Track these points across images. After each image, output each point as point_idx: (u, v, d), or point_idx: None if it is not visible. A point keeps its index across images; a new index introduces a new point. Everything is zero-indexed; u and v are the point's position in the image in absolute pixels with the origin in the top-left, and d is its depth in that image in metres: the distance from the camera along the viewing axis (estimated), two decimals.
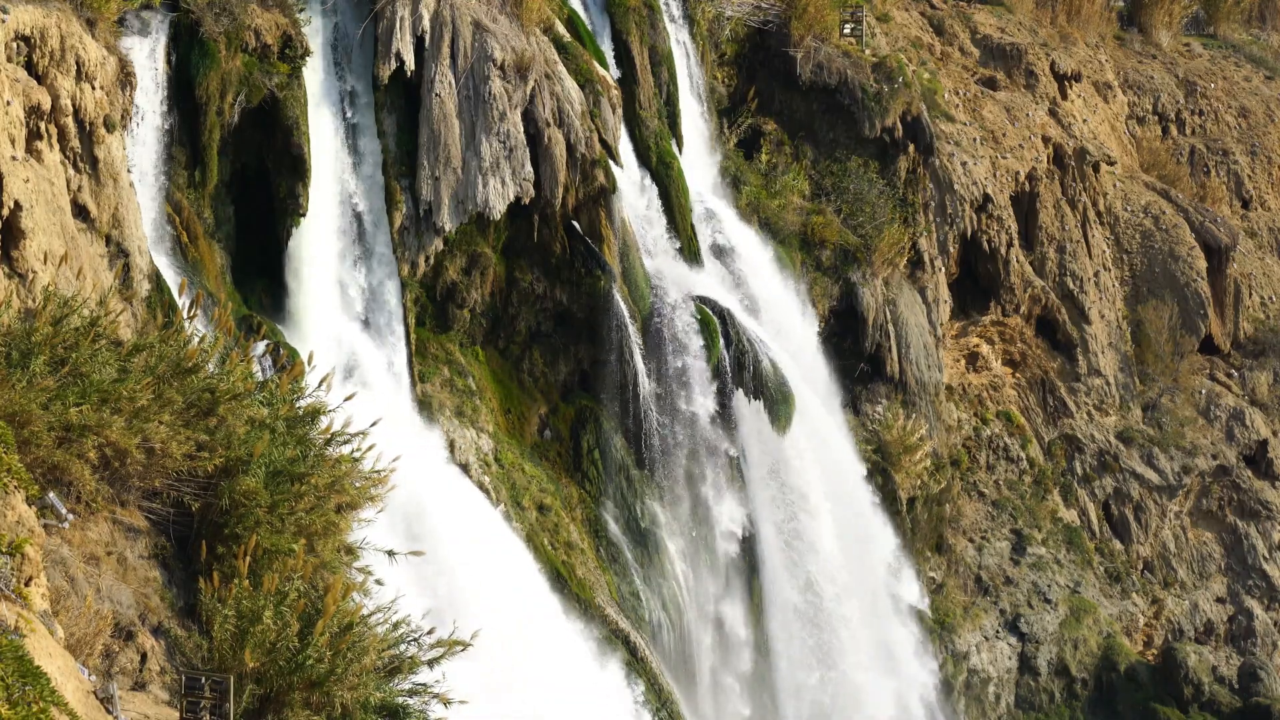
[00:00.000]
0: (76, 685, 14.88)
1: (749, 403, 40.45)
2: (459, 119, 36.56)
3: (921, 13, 57.10)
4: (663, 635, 38.78)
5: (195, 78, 32.70)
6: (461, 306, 37.97)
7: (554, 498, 38.00)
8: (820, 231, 45.92)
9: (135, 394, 18.78)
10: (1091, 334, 53.80)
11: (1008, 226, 51.71)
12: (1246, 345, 58.24)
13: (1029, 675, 49.16)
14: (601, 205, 38.67)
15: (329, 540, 19.98)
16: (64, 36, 27.85)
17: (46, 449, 17.90)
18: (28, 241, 25.60)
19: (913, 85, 48.12)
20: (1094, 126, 57.55)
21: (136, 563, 18.89)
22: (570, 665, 34.56)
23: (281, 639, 17.26)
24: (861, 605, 43.50)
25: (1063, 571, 50.56)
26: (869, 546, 44.50)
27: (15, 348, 18.58)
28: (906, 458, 46.42)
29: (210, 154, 33.09)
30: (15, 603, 14.54)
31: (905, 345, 47.03)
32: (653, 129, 42.15)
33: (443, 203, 36.35)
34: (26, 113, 26.83)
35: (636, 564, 38.89)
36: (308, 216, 34.38)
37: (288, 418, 20.75)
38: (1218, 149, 62.72)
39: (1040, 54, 57.13)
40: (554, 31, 39.37)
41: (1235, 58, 67.10)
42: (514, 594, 33.96)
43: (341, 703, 17.51)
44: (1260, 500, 54.92)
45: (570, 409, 39.35)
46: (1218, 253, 57.12)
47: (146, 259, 30.15)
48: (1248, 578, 54.28)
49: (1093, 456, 53.21)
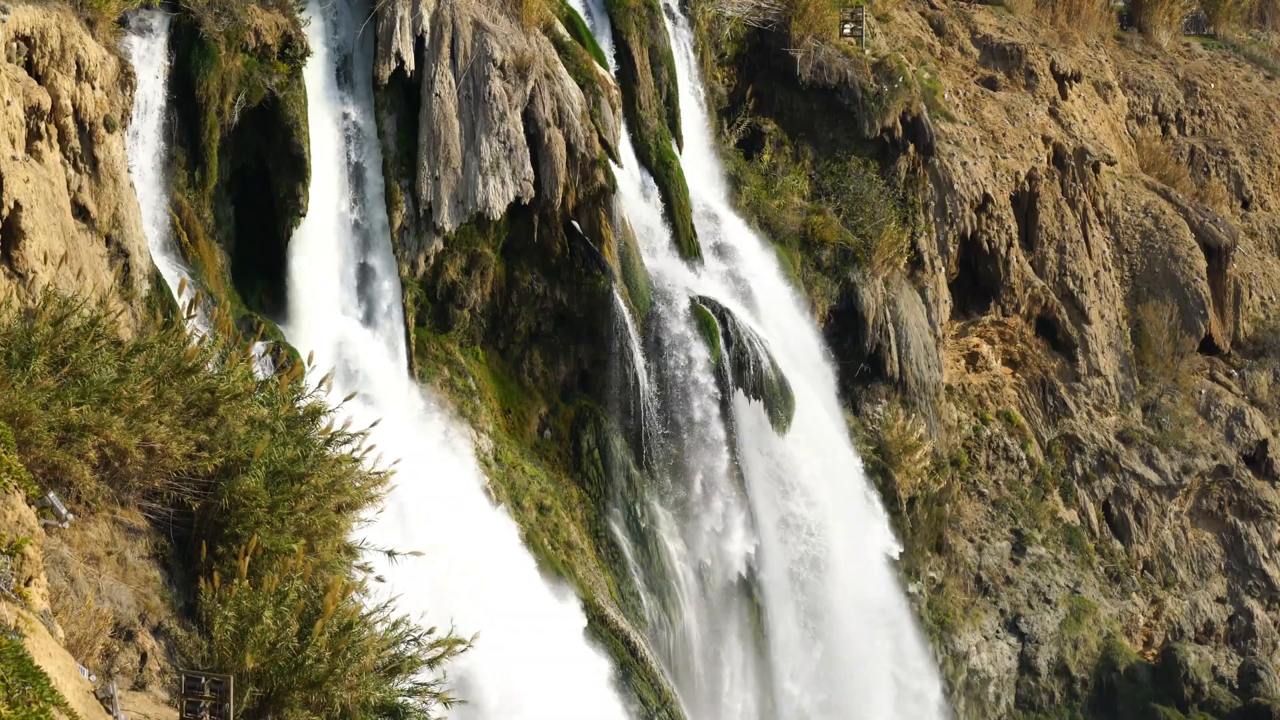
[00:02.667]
0: (76, 685, 14.88)
1: (749, 403, 40.44)
2: (459, 119, 36.56)
3: (921, 13, 57.11)
4: (663, 635, 38.78)
5: (195, 78, 32.70)
6: (461, 306, 37.97)
7: (554, 498, 38.01)
8: (820, 231, 45.93)
9: (135, 394, 18.77)
10: (1091, 334, 53.80)
11: (1008, 226, 51.71)
12: (1246, 345, 58.25)
13: (1029, 675, 49.16)
14: (601, 205, 38.67)
15: (329, 540, 19.98)
16: (64, 36, 27.85)
17: (46, 449, 17.90)
18: (28, 241, 25.60)
19: (913, 85, 48.12)
20: (1094, 126, 57.56)
21: (136, 563, 18.89)
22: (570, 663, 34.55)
23: (281, 639, 17.26)
24: (861, 605, 43.49)
25: (1063, 571, 50.57)
26: (869, 546, 44.49)
27: (15, 348, 18.57)
28: (906, 458, 46.42)
29: (210, 154, 33.09)
30: (15, 603, 14.54)
31: (905, 345, 47.03)
32: (653, 129, 42.14)
33: (443, 203, 36.35)
34: (26, 113, 26.83)
35: (636, 564, 38.89)
36: (308, 216, 34.39)
37: (288, 418, 20.73)
38: (1218, 149, 62.72)
39: (1040, 54, 57.13)
40: (554, 31, 39.37)
41: (1235, 58, 67.10)
42: (514, 594, 33.95)
43: (341, 703, 17.50)
44: (1260, 500, 54.92)
45: (570, 409, 39.35)
46: (1218, 253, 57.13)
47: (146, 259, 30.15)
48: (1248, 578, 54.29)
49: (1093, 456, 53.21)
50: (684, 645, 39.48)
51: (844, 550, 42.98)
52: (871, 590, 44.20)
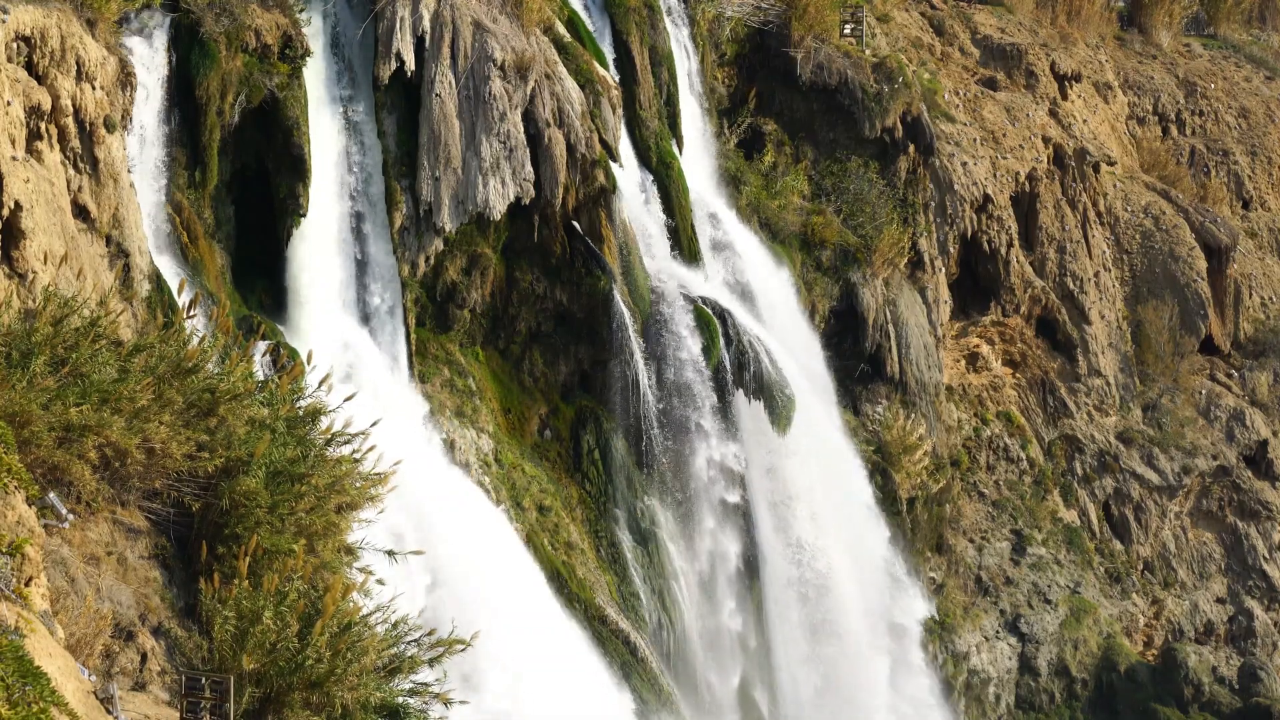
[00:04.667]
0: (76, 685, 14.88)
1: (749, 403, 40.44)
2: (459, 119, 36.56)
3: (921, 13, 57.09)
4: (663, 635, 38.79)
5: (195, 78, 32.70)
6: (461, 307, 37.98)
7: (554, 498, 38.01)
8: (820, 232, 45.92)
9: (135, 394, 18.77)
10: (1091, 334, 53.79)
11: (1008, 227, 51.71)
12: (1246, 345, 58.23)
13: (1029, 675, 49.15)
14: (602, 205, 38.67)
15: (329, 540, 19.98)
16: (64, 37, 27.85)
17: (47, 449, 17.90)
18: (28, 242, 25.61)
19: (913, 85, 48.11)
20: (1094, 127, 57.55)
21: (136, 563, 18.89)
22: (570, 665, 34.55)
23: (281, 639, 17.26)
24: (861, 605, 43.50)
25: (1063, 572, 50.56)
26: (869, 546, 44.49)
27: (15, 348, 18.57)
28: (906, 458, 46.42)
29: (210, 154, 33.09)
30: (15, 603, 14.54)
31: (905, 345, 47.03)
32: (653, 129, 42.14)
33: (443, 203, 36.35)
34: (27, 113, 26.83)
35: (636, 564, 38.89)
36: (308, 217, 34.39)
37: (288, 418, 20.74)
38: (1218, 149, 62.71)
39: (1040, 54, 57.12)
40: (554, 32, 39.38)
41: (1235, 58, 67.09)
42: (513, 594, 33.95)
43: (341, 703, 17.51)
44: (1260, 500, 54.92)
45: (570, 409, 39.36)
46: (1218, 253, 57.12)
47: (146, 259, 30.16)
48: (1248, 578, 54.28)
49: (1093, 457, 53.20)
50: (684, 645, 39.48)
51: (844, 550, 42.98)
52: (871, 590, 44.20)
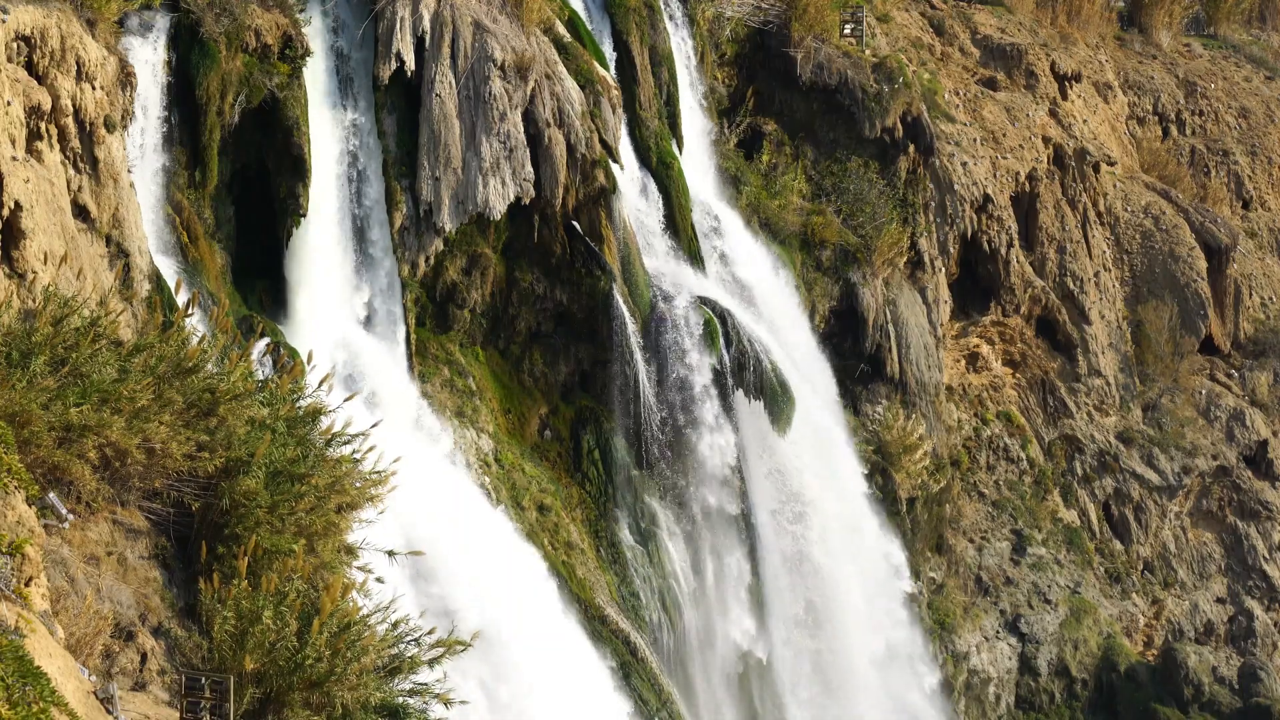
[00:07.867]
0: (76, 685, 14.88)
1: (749, 403, 40.45)
2: (459, 119, 36.56)
3: (921, 13, 57.10)
4: (663, 635, 38.79)
5: (195, 78, 32.69)
6: (461, 307, 37.98)
7: (554, 498, 38.01)
8: (820, 232, 45.93)
9: (135, 394, 18.76)
10: (1091, 334, 53.80)
11: (1008, 227, 51.71)
12: (1246, 345, 58.25)
13: (1029, 676, 49.16)
14: (602, 205, 38.67)
15: (329, 540, 19.97)
16: (64, 37, 27.85)
17: (46, 449, 17.89)
18: (28, 242, 25.60)
19: (913, 85, 48.12)
20: (1094, 127, 57.55)
21: (136, 563, 18.89)
22: (570, 665, 34.55)
23: (281, 639, 17.26)
24: (861, 604, 43.51)
25: (1063, 572, 50.57)
26: (869, 546, 44.50)
27: (15, 348, 18.56)
28: (906, 458, 46.42)
29: (210, 154, 33.09)
30: (15, 603, 14.54)
31: (905, 345, 47.03)
32: (653, 129, 42.15)
33: (443, 203, 36.35)
34: (27, 113, 26.83)
35: (636, 564, 38.89)
36: (308, 216, 34.38)
37: (288, 418, 20.72)
38: (1218, 149, 62.72)
39: (1040, 54, 57.13)
40: (554, 32, 39.38)
41: (1235, 58, 67.12)
42: (513, 594, 33.95)
43: (341, 703, 17.50)
44: (1260, 500, 54.92)
45: (570, 409, 39.36)
46: (1218, 253, 57.14)
47: (147, 259, 30.15)
48: (1248, 578, 54.29)
49: (1093, 457, 53.21)
50: (684, 645, 39.49)
51: (844, 550, 42.99)
52: (871, 590, 44.22)
